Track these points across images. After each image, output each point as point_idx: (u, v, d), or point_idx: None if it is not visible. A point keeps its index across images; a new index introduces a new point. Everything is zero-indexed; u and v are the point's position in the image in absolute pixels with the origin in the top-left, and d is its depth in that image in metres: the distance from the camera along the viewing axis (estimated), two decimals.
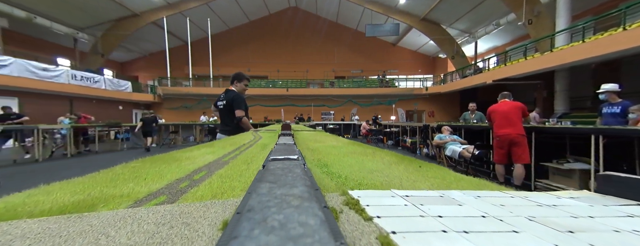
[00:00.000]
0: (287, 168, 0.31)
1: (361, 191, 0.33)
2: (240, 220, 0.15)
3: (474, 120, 4.73)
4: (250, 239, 0.12)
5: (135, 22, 13.65)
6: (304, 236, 0.12)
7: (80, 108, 10.84)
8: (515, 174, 2.71)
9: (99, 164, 0.46)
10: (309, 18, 18.60)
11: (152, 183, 0.30)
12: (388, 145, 8.31)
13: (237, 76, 2.41)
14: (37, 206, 0.22)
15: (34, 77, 8.88)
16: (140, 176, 0.34)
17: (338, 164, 0.54)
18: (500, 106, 2.97)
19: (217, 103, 2.34)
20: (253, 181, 0.26)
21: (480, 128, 3.89)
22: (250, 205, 0.17)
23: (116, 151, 7.61)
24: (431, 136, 5.31)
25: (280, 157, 0.39)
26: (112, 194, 0.25)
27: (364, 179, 0.40)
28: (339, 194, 0.29)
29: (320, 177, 0.40)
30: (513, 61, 9.72)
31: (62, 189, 0.27)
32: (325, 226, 0.13)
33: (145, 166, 0.41)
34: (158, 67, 16.72)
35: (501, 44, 14.87)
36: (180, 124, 10.17)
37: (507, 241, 0.20)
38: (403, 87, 16.15)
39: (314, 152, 0.74)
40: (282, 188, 0.22)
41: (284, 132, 1.18)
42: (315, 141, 1.07)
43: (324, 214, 0.15)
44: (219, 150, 0.70)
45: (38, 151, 5.65)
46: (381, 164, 0.54)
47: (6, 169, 4.67)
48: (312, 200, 0.18)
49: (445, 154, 3.70)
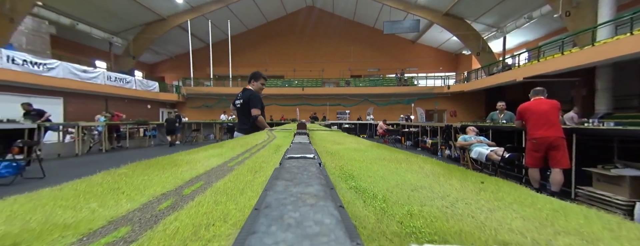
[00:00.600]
0: (302, 166, 0.31)
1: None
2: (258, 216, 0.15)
3: (503, 120, 4.37)
4: (268, 235, 0.12)
5: (162, 25, 14.49)
6: (319, 234, 0.12)
7: (114, 107, 11.74)
8: (552, 180, 2.42)
9: (130, 159, 0.48)
10: (324, 17, 18.52)
11: (126, 202, 0.24)
12: (406, 146, 8.02)
13: (254, 75, 2.42)
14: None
15: (75, 78, 9.75)
16: (118, 188, 0.28)
17: (367, 175, 0.42)
18: (536, 105, 2.63)
19: (235, 102, 2.37)
20: (270, 179, 0.26)
21: (511, 129, 3.59)
22: (268, 201, 0.18)
23: (144, 147, 8.13)
24: (454, 136, 5.01)
25: (297, 155, 0.40)
26: (55, 223, 0.18)
27: (413, 204, 0.28)
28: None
29: (348, 197, 0.30)
30: (547, 56, 8.91)
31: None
32: (341, 225, 0.13)
33: (134, 174, 0.37)
34: (182, 68, 17.62)
35: (533, 39, 13.71)
36: (202, 123, 10.62)
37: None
38: (423, 86, 15.52)
39: (334, 157, 0.63)
40: (298, 186, 0.22)
41: (299, 131, 1.18)
42: (334, 142, 0.97)
43: (340, 213, 0.16)
44: (227, 152, 0.64)
45: (78, 146, 6.19)
46: (424, 176, 0.42)
47: (52, 162, 5.16)
48: (327, 199, 0.18)
49: (470, 156, 3.46)
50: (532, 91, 2.79)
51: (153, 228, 0.18)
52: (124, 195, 0.26)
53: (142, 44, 14.74)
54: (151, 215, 0.19)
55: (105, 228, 0.18)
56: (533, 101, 2.70)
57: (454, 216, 0.25)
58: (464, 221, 0.24)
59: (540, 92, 2.74)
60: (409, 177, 0.41)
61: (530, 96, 2.80)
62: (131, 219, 0.19)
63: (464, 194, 0.32)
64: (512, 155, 2.83)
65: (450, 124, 5.00)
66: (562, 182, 2.39)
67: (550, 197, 0.32)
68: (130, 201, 0.23)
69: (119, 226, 0.17)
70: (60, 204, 0.21)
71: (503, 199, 0.30)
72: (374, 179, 0.41)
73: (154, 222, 0.18)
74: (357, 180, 0.40)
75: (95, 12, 12.64)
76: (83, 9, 12.21)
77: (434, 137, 6.62)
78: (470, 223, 0.24)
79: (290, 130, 1.56)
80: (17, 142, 3.96)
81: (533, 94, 2.78)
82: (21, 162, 3.92)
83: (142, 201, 0.23)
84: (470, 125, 3.97)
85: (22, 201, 0.22)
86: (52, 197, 0.23)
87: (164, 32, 14.58)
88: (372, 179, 0.40)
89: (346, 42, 18.57)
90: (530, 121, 2.61)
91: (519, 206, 0.28)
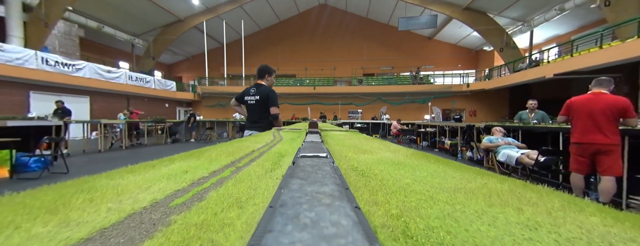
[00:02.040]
0: (316, 165, 0.30)
1: None
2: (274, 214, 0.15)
3: (534, 120, 3.98)
4: (284, 234, 0.12)
5: (180, 27, 14.97)
6: (336, 236, 0.12)
7: (134, 105, 12.29)
8: (601, 189, 2.09)
9: (148, 154, 0.41)
10: (337, 14, 18.27)
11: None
12: (422, 146, 7.66)
13: (267, 69, 2.28)
14: None
15: (100, 78, 10.28)
16: (31, 214, 0.19)
17: (444, 230, 0.20)
18: (590, 101, 2.11)
19: (245, 98, 2.23)
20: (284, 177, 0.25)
21: (546, 130, 3.23)
22: (283, 200, 0.18)
23: (162, 144, 8.38)
24: (477, 137, 4.66)
25: (310, 154, 0.39)
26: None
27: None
28: None
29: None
30: (581, 51, 8.14)
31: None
32: (359, 227, 0.13)
33: (73, 190, 0.25)
34: (198, 68, 18.15)
35: (564, 33, 12.66)
36: (215, 121, 10.82)
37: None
38: (439, 84, 14.86)
39: (363, 176, 0.38)
40: (313, 185, 0.21)
41: (311, 130, 1.08)
42: (356, 148, 0.68)
43: (356, 214, 0.16)
44: (201, 165, 0.42)
45: (101, 143, 6.47)
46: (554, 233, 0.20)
47: (77, 157, 5.41)
48: (343, 199, 0.18)
49: (497, 159, 3.15)
50: (594, 81, 2.20)
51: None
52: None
53: (161, 45, 15.31)
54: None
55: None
56: (589, 95, 2.16)
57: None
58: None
59: (605, 83, 2.14)
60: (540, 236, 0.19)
61: (591, 87, 2.22)
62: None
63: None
64: (547, 159, 2.52)
65: (472, 124, 4.66)
66: (614, 191, 2.06)
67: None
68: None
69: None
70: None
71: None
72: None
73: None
74: (421, 241, 0.19)
75: (119, 15, 13.29)
76: (108, 12, 12.87)
77: (453, 138, 6.24)
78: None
79: (300, 130, 1.40)
80: (45, 138, 4.15)
81: (595, 85, 2.18)
82: (48, 157, 4.11)
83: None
84: (496, 125, 3.64)
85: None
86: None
87: (181, 33, 15.06)
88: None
89: (359, 40, 18.22)
90: (577, 121, 2.19)
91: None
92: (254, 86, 2.24)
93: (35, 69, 7.96)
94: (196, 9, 14.55)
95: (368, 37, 18.10)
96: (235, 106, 2.37)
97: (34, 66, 7.92)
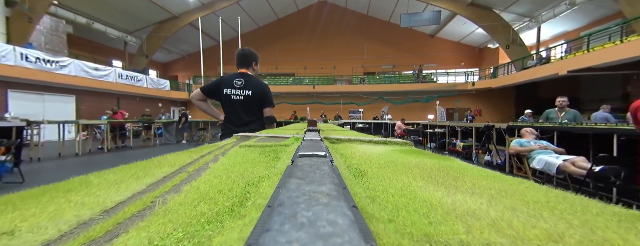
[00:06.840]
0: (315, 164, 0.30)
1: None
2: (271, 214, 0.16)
3: (564, 120, 3.50)
4: (282, 233, 0.12)
5: (174, 23, 14.43)
6: (333, 235, 0.12)
7: (125, 105, 11.74)
8: None
9: (132, 158, 0.43)
10: (337, 12, 17.77)
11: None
12: (430, 147, 7.17)
13: (252, 55, 1.75)
14: None
15: (87, 76, 9.72)
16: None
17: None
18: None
19: (225, 91, 1.65)
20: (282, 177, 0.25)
21: (591, 131, 2.74)
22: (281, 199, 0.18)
23: (149, 146, 7.85)
24: (496, 139, 4.17)
25: (308, 153, 0.37)
26: None
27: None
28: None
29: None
30: (594, 47, 7.69)
31: None
32: (355, 226, 0.13)
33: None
34: (194, 67, 17.60)
35: (573, 28, 12.23)
36: (209, 121, 10.29)
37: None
38: (443, 83, 14.40)
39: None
40: (310, 185, 0.21)
41: (310, 128, 1.00)
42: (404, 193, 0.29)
43: (353, 213, 0.16)
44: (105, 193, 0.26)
45: (78, 146, 5.92)
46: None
47: (48, 162, 4.88)
48: (340, 199, 0.18)
49: (531, 166, 2.67)
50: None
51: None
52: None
53: (155, 43, 14.76)
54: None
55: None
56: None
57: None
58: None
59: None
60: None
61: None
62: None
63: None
64: (605, 168, 2.02)
65: (490, 124, 4.17)
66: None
67: None
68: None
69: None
70: None
71: None
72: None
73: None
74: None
75: (110, 11, 12.72)
76: (98, 7, 12.30)
77: (465, 139, 5.75)
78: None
79: (291, 137, 0.80)
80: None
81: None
82: (7, 163, 3.59)
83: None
84: (527, 126, 3.15)
85: None
86: None
87: (175, 30, 14.52)
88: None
89: (359, 38, 17.74)
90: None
91: None
92: (239, 76, 1.68)
93: (14, 66, 7.41)
94: (191, 5, 14.01)
95: (369, 34, 17.62)
96: (199, 102, 1.80)
97: (12, 62, 7.37)
